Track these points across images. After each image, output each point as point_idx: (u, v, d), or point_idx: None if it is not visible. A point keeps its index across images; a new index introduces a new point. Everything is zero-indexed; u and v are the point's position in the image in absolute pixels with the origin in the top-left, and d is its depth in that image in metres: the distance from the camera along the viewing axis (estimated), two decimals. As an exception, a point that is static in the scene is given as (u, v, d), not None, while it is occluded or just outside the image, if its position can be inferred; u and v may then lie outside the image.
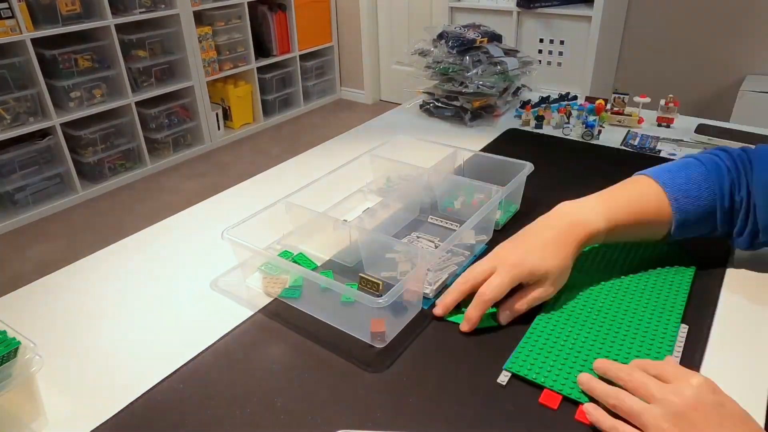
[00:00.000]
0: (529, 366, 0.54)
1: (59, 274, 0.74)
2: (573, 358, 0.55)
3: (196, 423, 0.51)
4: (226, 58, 3.22)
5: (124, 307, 0.67)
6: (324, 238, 0.75)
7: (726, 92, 2.66)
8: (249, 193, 0.94)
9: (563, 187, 0.90)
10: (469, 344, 0.58)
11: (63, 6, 2.47)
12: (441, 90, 1.23)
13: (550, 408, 0.50)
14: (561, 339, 0.58)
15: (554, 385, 0.52)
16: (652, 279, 0.66)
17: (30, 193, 2.56)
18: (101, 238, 2.37)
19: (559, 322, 0.60)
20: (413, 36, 3.60)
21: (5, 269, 2.22)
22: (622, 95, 1.15)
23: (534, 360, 0.55)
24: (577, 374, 0.52)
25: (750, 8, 2.50)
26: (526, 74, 1.26)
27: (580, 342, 0.57)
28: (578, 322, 0.60)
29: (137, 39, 2.78)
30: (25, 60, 2.39)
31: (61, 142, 2.56)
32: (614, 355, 0.55)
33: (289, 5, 3.46)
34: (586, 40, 2.50)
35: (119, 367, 0.58)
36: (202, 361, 0.58)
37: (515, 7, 2.60)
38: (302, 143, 3.29)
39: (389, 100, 3.95)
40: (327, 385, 0.54)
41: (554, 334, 0.58)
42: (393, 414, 0.51)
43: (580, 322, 0.60)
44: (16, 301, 0.69)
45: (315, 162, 1.05)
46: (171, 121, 3.05)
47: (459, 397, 0.52)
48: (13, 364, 0.47)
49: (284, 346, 0.59)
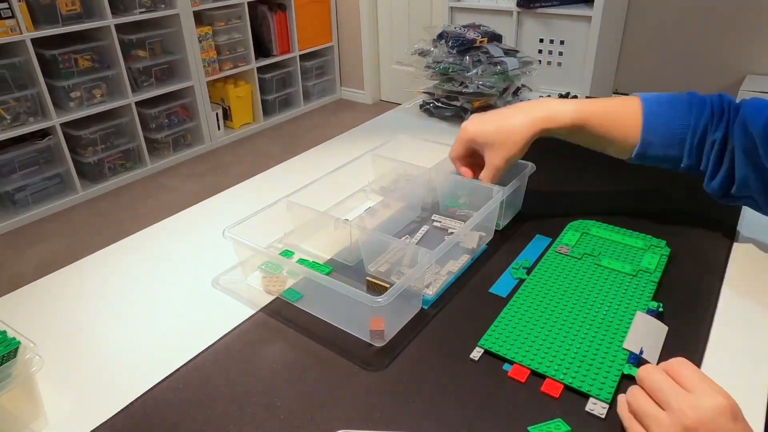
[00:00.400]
0: (501, 343, 0.57)
1: (59, 274, 0.74)
2: (542, 337, 0.58)
3: (196, 423, 0.51)
4: (226, 58, 3.22)
5: (124, 307, 0.67)
6: (324, 237, 0.75)
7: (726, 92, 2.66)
8: (249, 193, 0.94)
9: (563, 187, 0.90)
10: (470, 344, 0.58)
11: (63, 6, 2.47)
12: (441, 90, 1.23)
13: (518, 381, 0.53)
14: (533, 320, 0.60)
15: (523, 360, 0.55)
16: (626, 266, 0.67)
17: (30, 193, 2.56)
18: (101, 238, 2.37)
19: (532, 305, 0.62)
20: (413, 36, 3.60)
21: (5, 269, 2.22)
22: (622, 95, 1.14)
23: (506, 338, 0.58)
24: (545, 350, 0.55)
25: (750, 8, 2.50)
26: (526, 74, 1.26)
27: (551, 323, 0.60)
28: (550, 305, 0.62)
29: (137, 39, 2.78)
30: (25, 60, 2.39)
31: (61, 142, 2.56)
32: (582, 335, 0.58)
33: (289, 5, 3.46)
34: (586, 40, 2.50)
35: (119, 367, 0.58)
36: (202, 361, 0.58)
37: (515, 7, 2.60)
38: (302, 143, 3.29)
39: (389, 100, 3.95)
40: (327, 385, 0.54)
41: (526, 316, 0.61)
42: (393, 414, 0.51)
43: (552, 306, 0.62)
44: (16, 301, 0.69)
45: (315, 162, 1.05)
46: (171, 121, 3.05)
47: (459, 398, 0.52)
48: (13, 364, 0.47)
49: (284, 346, 0.59)
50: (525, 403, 0.51)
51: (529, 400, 0.51)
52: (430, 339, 0.59)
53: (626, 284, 0.65)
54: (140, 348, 0.61)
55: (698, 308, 0.62)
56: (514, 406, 0.51)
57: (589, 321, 0.60)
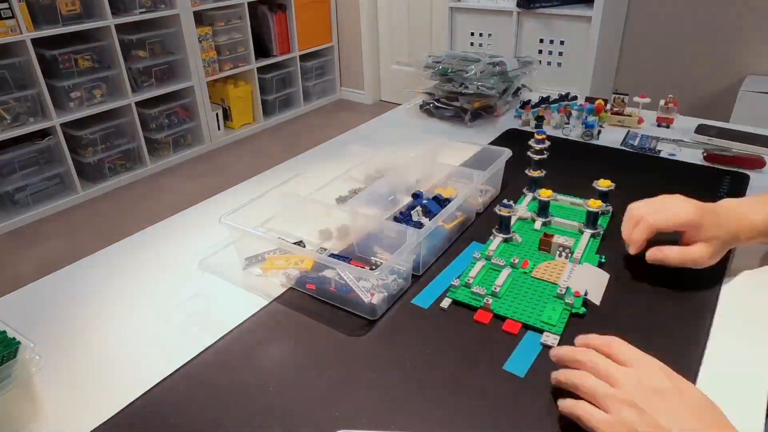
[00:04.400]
0: (466, 293, 0.65)
1: (59, 274, 0.74)
2: (505, 288, 0.65)
3: (196, 423, 0.51)
4: (226, 58, 3.22)
5: (124, 307, 0.67)
6: (316, 222, 0.77)
7: (726, 92, 2.66)
8: (249, 193, 0.94)
9: (563, 187, 0.90)
10: (471, 343, 0.58)
11: (63, 6, 2.47)
12: (441, 90, 1.23)
13: (483, 324, 0.61)
14: (495, 275, 0.68)
15: (486, 305, 0.63)
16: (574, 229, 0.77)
17: (30, 193, 2.56)
18: (101, 238, 2.37)
19: (496, 264, 0.70)
20: (413, 36, 3.60)
21: (5, 269, 2.22)
22: (622, 95, 1.15)
23: (471, 291, 0.65)
24: (504, 298, 0.63)
25: (750, 8, 2.50)
26: (526, 74, 1.26)
27: (512, 278, 0.67)
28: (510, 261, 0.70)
29: (137, 39, 2.79)
30: (25, 60, 2.39)
31: (61, 142, 2.57)
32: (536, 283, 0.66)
33: (289, 5, 3.47)
34: (586, 40, 2.50)
35: (119, 367, 0.58)
36: (203, 360, 0.58)
37: (515, 8, 2.60)
38: (302, 143, 3.29)
39: (389, 100, 3.96)
40: (327, 385, 0.54)
41: (493, 273, 0.68)
42: (393, 414, 0.51)
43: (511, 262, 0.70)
44: (16, 301, 0.69)
45: (316, 162, 1.05)
46: (171, 122, 3.05)
47: (458, 398, 0.52)
48: (13, 364, 0.47)
49: (285, 346, 0.59)
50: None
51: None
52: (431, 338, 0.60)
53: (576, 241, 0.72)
54: (140, 348, 0.61)
55: (698, 308, 0.62)
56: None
57: (541, 272, 0.67)
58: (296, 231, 0.78)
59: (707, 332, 0.59)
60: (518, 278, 0.67)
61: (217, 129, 3.29)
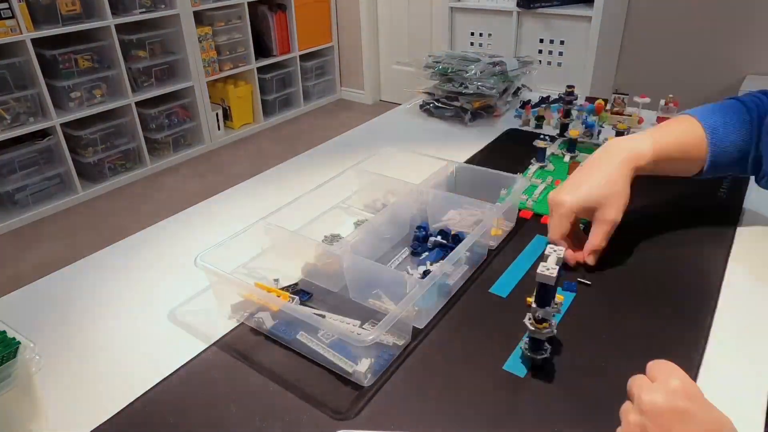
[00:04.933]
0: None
1: (59, 274, 0.74)
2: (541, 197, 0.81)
3: (196, 423, 0.51)
4: (226, 58, 3.22)
5: (123, 307, 0.67)
6: (306, 260, 0.70)
7: (726, 92, 2.66)
8: (249, 194, 0.94)
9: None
10: (470, 346, 0.58)
11: (63, 6, 2.47)
12: (441, 90, 1.23)
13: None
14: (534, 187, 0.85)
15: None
16: None
17: (30, 193, 2.56)
18: (101, 238, 2.37)
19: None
20: (413, 36, 3.60)
21: (5, 269, 2.22)
22: (622, 95, 1.14)
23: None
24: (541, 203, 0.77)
25: (750, 8, 2.50)
26: (526, 74, 1.26)
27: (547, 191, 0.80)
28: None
29: (137, 39, 2.78)
30: (25, 60, 2.39)
31: (61, 142, 2.56)
32: None
33: (289, 5, 3.46)
34: (586, 40, 2.50)
35: (119, 367, 0.58)
36: (203, 360, 0.58)
37: (515, 7, 2.60)
38: (302, 143, 3.29)
39: (389, 100, 3.95)
40: (327, 385, 0.54)
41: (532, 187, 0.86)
42: (393, 414, 0.51)
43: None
44: (16, 301, 0.69)
45: (315, 162, 1.05)
46: (171, 121, 3.05)
47: (458, 399, 0.52)
48: (13, 364, 0.47)
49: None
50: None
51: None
52: (431, 341, 0.59)
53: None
54: (140, 348, 0.61)
55: (698, 307, 0.62)
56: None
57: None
58: (284, 267, 0.71)
59: (707, 332, 0.59)
60: (551, 191, 0.74)
61: (217, 129, 3.29)
